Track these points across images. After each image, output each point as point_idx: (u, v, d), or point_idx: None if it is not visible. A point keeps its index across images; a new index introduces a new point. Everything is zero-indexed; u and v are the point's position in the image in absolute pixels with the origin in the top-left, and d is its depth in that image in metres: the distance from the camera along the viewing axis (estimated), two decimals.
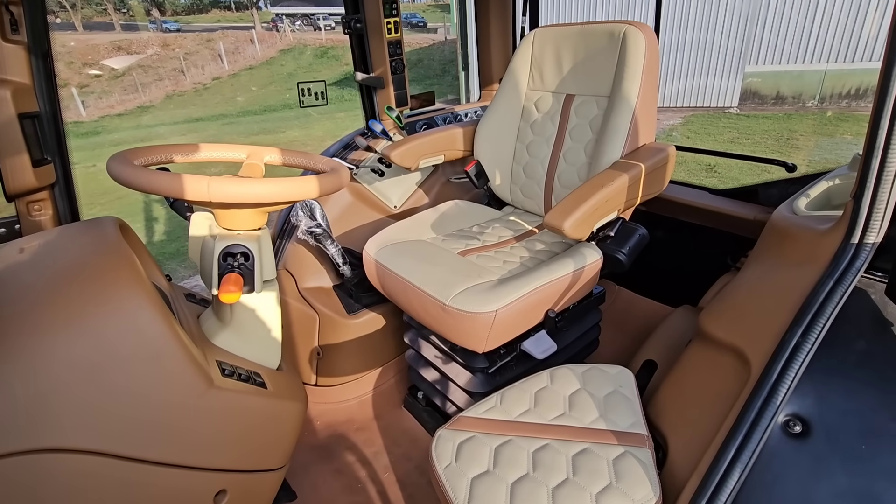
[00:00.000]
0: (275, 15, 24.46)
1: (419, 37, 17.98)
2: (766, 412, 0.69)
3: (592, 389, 1.00)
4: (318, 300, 1.54)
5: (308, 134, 9.56)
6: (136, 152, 0.87)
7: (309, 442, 1.44)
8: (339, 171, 0.94)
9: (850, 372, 0.71)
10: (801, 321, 0.74)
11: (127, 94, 14.68)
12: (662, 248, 1.78)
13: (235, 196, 0.77)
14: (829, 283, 0.76)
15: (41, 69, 1.09)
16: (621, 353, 1.60)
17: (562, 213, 1.08)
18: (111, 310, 0.71)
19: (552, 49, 1.50)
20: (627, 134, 1.28)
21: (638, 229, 1.25)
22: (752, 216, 1.51)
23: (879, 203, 0.73)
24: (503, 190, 1.67)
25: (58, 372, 0.66)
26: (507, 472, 0.84)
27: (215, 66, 16.80)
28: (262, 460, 0.92)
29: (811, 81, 8.23)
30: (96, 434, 0.68)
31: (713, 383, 0.89)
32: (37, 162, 1.09)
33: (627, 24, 1.30)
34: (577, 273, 1.19)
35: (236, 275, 0.83)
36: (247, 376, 0.88)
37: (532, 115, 1.57)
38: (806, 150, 6.21)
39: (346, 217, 1.69)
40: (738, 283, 1.07)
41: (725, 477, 0.67)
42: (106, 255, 0.78)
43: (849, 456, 0.64)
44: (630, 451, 0.85)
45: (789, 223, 1.04)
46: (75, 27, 22.09)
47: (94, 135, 11.45)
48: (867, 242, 0.76)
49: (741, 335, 0.87)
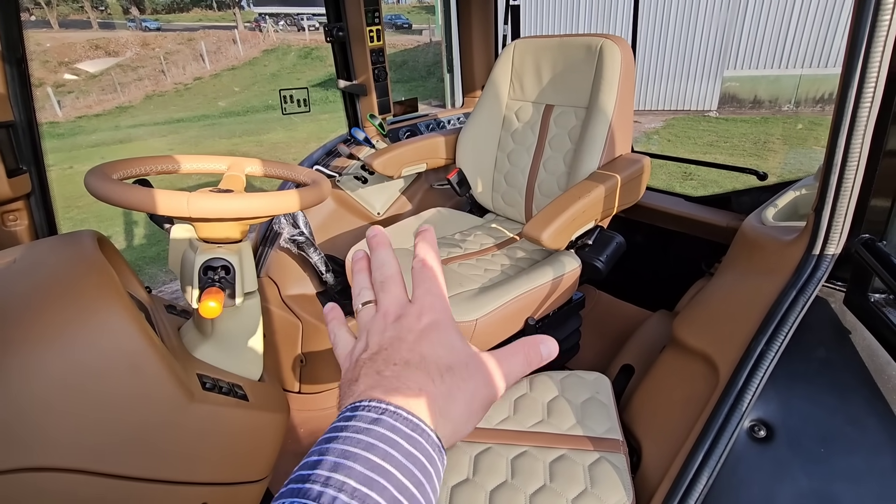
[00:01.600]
0: (258, 15, 24.20)
1: (404, 38, 17.98)
2: (733, 418, 0.72)
3: (570, 396, 1.02)
4: (301, 307, 1.54)
5: (292, 136, 9.48)
6: (115, 166, 0.87)
7: (293, 450, 1.44)
8: (320, 183, 0.95)
9: (811, 378, 0.75)
10: (765, 329, 0.77)
11: (105, 93, 14.37)
12: (641, 254, 1.83)
13: (215, 212, 0.77)
14: (791, 292, 0.79)
15: (15, 77, 1.07)
16: (602, 357, 1.63)
17: (540, 225, 1.11)
18: (89, 325, 0.71)
19: (532, 60, 1.52)
20: (604, 144, 1.31)
21: (615, 237, 1.29)
22: (726, 223, 1.56)
23: (838, 217, 0.77)
24: (485, 198, 1.69)
25: (35, 389, 0.66)
26: (486, 479, 0.86)
27: (197, 65, 16.56)
28: (245, 472, 0.92)
29: (787, 86, 8.47)
30: (75, 451, 0.68)
31: (684, 389, 0.92)
32: (11, 172, 1.07)
33: (604, 37, 1.34)
34: (556, 281, 1.22)
35: (217, 289, 0.83)
36: (228, 389, 0.88)
37: (513, 125, 1.60)
38: (781, 153, 6.39)
39: (329, 224, 1.70)
40: (709, 290, 1.11)
41: (694, 481, 0.70)
42: (83, 269, 0.78)
43: (808, 459, 0.68)
44: (605, 456, 0.88)
45: (757, 233, 1.08)
46: (51, 25, 21.55)
47: (71, 136, 11.18)
48: (827, 254, 0.80)
49: (710, 342, 0.90)
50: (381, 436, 0.25)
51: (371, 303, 0.35)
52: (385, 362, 0.29)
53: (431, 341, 0.31)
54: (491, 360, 0.32)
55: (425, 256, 0.35)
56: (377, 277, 0.35)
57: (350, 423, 0.25)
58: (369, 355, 0.30)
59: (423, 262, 0.35)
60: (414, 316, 0.32)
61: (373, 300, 0.35)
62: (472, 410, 0.30)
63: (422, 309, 0.32)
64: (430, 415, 0.27)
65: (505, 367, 0.32)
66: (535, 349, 0.33)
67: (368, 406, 0.26)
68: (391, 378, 0.28)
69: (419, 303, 0.33)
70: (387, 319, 0.32)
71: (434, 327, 0.31)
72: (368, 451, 0.24)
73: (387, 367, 0.29)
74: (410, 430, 0.26)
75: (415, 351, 0.30)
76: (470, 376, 0.30)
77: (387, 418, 0.26)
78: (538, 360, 0.33)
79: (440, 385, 0.29)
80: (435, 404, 0.28)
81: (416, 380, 0.28)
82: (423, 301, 0.33)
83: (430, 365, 0.29)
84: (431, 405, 0.28)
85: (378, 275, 0.35)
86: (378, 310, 0.33)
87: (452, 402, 0.29)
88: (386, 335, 0.31)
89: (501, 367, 0.32)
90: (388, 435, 0.25)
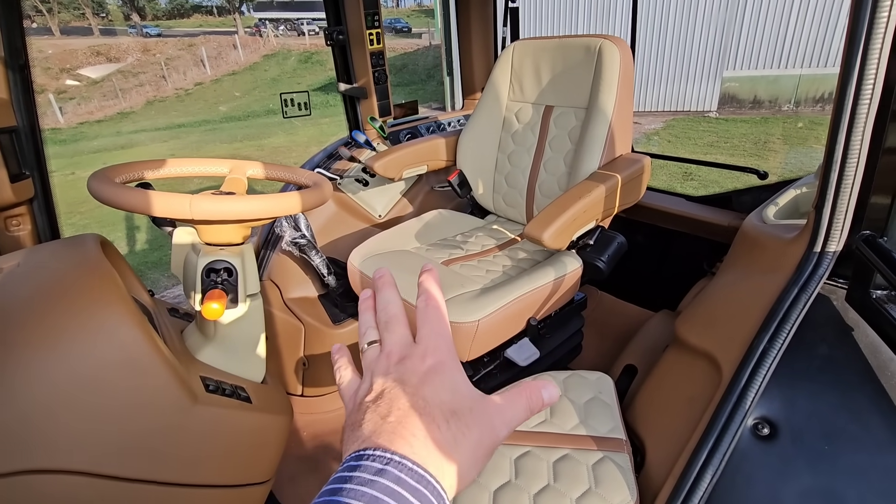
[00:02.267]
0: (258, 20, 24.31)
1: (404, 42, 18.03)
2: (736, 416, 0.72)
3: (573, 396, 1.02)
4: (303, 310, 1.54)
5: (292, 140, 9.50)
6: (117, 169, 0.88)
7: (295, 453, 1.44)
8: (321, 185, 0.95)
9: (813, 375, 0.75)
10: (768, 327, 0.77)
11: (106, 99, 14.44)
12: (642, 254, 1.82)
13: (217, 214, 0.77)
14: (793, 290, 0.79)
15: (18, 83, 1.08)
16: (604, 358, 1.63)
17: (540, 225, 1.11)
18: (92, 328, 0.71)
19: (531, 61, 1.53)
20: (604, 145, 1.31)
21: (616, 237, 1.29)
22: (727, 222, 1.56)
23: (839, 214, 0.77)
24: (486, 199, 1.69)
25: (39, 392, 0.66)
26: (489, 479, 0.86)
27: (197, 71, 16.63)
28: (248, 474, 0.92)
29: (787, 86, 8.46)
30: (78, 454, 0.68)
31: (687, 388, 0.92)
32: (15, 177, 1.08)
33: (603, 38, 1.34)
34: (557, 281, 1.22)
35: (219, 291, 0.84)
36: (231, 391, 0.89)
37: (513, 126, 1.60)
38: (782, 153, 6.39)
39: (330, 227, 1.70)
40: (711, 289, 1.11)
41: (698, 479, 0.70)
42: (87, 272, 0.78)
43: (812, 456, 0.68)
44: (609, 455, 0.88)
45: (758, 231, 1.08)
46: (52, 32, 21.67)
47: (73, 142, 11.23)
48: (829, 251, 0.80)
49: (713, 341, 0.90)
50: (386, 488, 0.24)
51: (376, 343, 0.35)
52: (389, 406, 0.29)
53: (435, 385, 0.30)
54: (494, 405, 0.31)
55: (430, 293, 0.35)
56: (381, 317, 0.35)
57: (354, 473, 0.25)
58: (373, 398, 0.30)
59: (428, 300, 0.35)
60: (418, 357, 0.32)
61: (377, 340, 0.35)
62: (476, 457, 0.29)
63: (426, 350, 0.32)
64: (434, 464, 0.27)
65: (508, 413, 0.32)
66: (537, 393, 0.33)
67: (373, 455, 0.26)
68: (395, 424, 0.28)
69: (423, 344, 0.33)
70: (390, 360, 0.32)
71: (438, 370, 0.31)
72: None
73: (391, 413, 0.29)
74: (415, 482, 0.25)
75: (418, 395, 0.29)
76: (474, 422, 0.30)
77: (392, 469, 0.25)
78: (539, 404, 0.33)
79: (445, 432, 0.28)
80: (440, 452, 0.28)
81: (420, 426, 0.28)
82: (428, 343, 0.33)
83: (433, 410, 0.29)
84: (437, 453, 0.27)
85: (382, 315, 0.35)
86: (382, 350, 0.33)
87: (457, 449, 0.28)
88: (389, 377, 0.31)
89: (505, 412, 0.31)
90: (392, 488, 0.25)
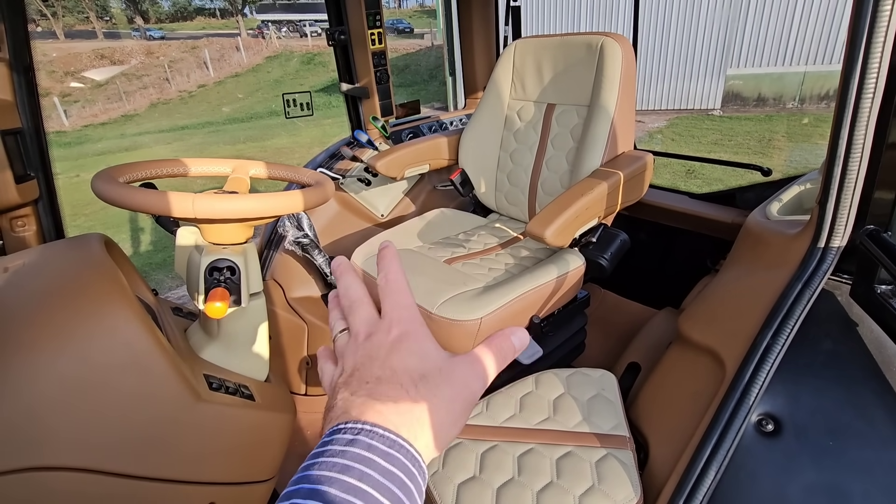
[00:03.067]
0: (260, 22, 24.39)
1: (406, 42, 18.05)
2: (740, 412, 0.72)
3: (576, 393, 1.02)
4: (306, 310, 1.54)
5: (295, 141, 9.53)
6: (121, 169, 0.88)
7: (299, 452, 1.45)
8: (323, 184, 0.95)
9: (818, 371, 0.74)
10: (771, 323, 0.77)
11: (110, 102, 14.53)
12: (646, 252, 1.82)
13: (220, 212, 0.78)
14: (797, 286, 0.79)
15: (23, 84, 1.09)
16: (608, 356, 1.63)
17: (543, 222, 1.11)
18: (97, 327, 0.71)
19: (533, 59, 1.53)
20: (607, 142, 1.31)
21: (619, 235, 1.28)
22: (730, 219, 1.55)
23: (843, 209, 0.76)
24: (488, 197, 1.69)
25: (44, 390, 0.66)
26: (492, 476, 0.86)
27: (200, 73, 16.70)
28: (252, 472, 0.92)
29: (791, 83, 8.42)
30: (84, 451, 0.69)
31: (691, 384, 0.91)
32: (20, 178, 1.09)
33: (605, 35, 1.34)
34: (560, 279, 1.22)
35: (223, 289, 0.84)
36: (234, 389, 0.89)
37: (515, 124, 1.60)
38: (787, 150, 6.35)
39: (333, 226, 1.71)
40: (714, 286, 1.11)
41: (702, 476, 0.70)
42: (91, 272, 0.78)
43: (817, 452, 0.67)
44: (612, 452, 0.88)
45: (762, 227, 1.07)
46: (56, 35, 21.82)
47: (77, 144, 11.30)
48: (833, 246, 0.79)
49: (716, 337, 0.90)
50: (357, 456, 0.25)
51: (345, 331, 0.35)
52: (359, 382, 0.29)
53: (402, 353, 0.30)
54: (465, 361, 0.32)
55: (389, 270, 0.35)
56: (344, 304, 0.35)
57: (327, 447, 0.25)
58: (344, 378, 0.30)
59: (388, 276, 0.35)
60: (384, 331, 0.32)
61: (346, 328, 0.35)
62: (453, 415, 0.30)
63: (391, 323, 0.32)
64: (407, 427, 0.27)
65: (480, 367, 0.32)
66: (507, 341, 0.33)
67: (345, 428, 0.26)
68: (364, 396, 0.28)
69: (388, 317, 0.33)
70: (358, 340, 0.32)
71: (404, 339, 0.31)
72: (344, 474, 0.24)
73: (361, 387, 0.29)
74: (387, 447, 0.26)
75: (386, 366, 0.30)
76: (445, 381, 0.30)
77: (363, 437, 0.26)
78: (511, 351, 0.33)
79: (415, 395, 0.28)
80: (411, 415, 0.28)
81: (389, 394, 0.28)
82: (392, 315, 0.33)
83: (402, 377, 0.29)
84: (408, 417, 0.28)
85: (345, 301, 0.35)
86: (350, 333, 0.34)
87: (430, 410, 0.28)
88: (358, 355, 0.31)
89: (476, 366, 0.32)
90: (363, 454, 0.25)
